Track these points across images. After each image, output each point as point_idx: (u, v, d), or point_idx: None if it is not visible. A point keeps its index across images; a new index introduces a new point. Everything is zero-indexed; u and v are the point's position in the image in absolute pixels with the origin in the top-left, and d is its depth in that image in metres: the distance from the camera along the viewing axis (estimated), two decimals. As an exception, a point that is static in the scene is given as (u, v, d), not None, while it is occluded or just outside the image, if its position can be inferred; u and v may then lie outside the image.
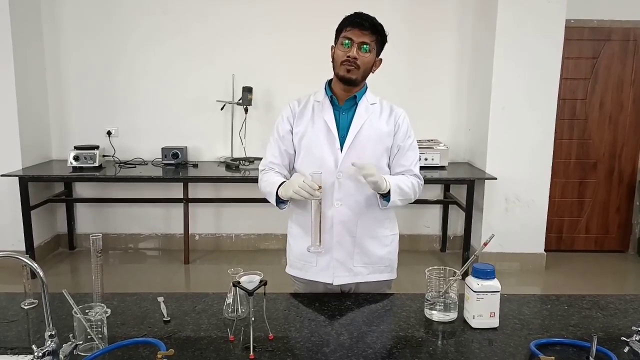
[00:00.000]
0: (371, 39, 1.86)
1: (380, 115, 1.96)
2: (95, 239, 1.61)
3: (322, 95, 1.98)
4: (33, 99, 4.58)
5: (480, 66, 4.63)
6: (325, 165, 1.90)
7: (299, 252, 1.99)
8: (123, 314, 1.64)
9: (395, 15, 4.66)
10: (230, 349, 1.43)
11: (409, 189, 1.93)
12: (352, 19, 1.86)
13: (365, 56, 1.86)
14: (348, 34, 1.85)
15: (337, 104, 1.96)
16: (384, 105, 2.00)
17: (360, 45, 1.84)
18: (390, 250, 2.02)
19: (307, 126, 1.94)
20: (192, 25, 4.72)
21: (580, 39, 4.73)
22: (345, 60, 1.84)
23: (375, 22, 1.87)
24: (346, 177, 1.89)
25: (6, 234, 4.38)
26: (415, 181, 1.98)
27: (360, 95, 1.96)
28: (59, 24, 4.70)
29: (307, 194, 1.74)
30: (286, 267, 2.08)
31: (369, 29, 1.84)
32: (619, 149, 4.92)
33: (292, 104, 2.01)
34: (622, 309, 1.72)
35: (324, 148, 1.91)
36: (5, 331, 1.54)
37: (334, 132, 1.91)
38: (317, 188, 1.75)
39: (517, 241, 4.51)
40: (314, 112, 1.96)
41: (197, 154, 4.88)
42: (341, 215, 1.91)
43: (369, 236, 1.96)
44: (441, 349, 1.46)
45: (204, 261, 4.77)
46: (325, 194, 1.89)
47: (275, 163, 2.00)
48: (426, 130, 4.78)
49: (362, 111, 1.94)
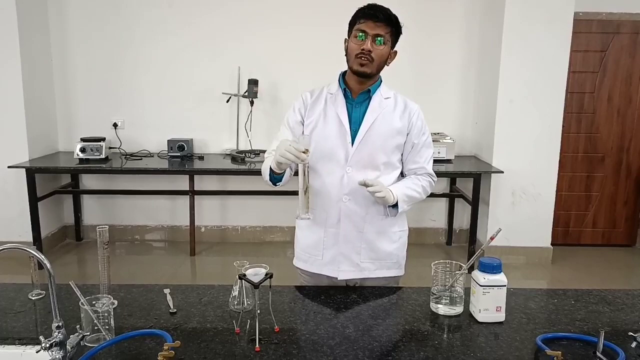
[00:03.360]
0: (386, 30, 1.81)
1: (394, 111, 1.93)
2: (101, 231, 1.62)
3: (336, 87, 1.94)
4: (40, 91, 4.59)
5: (487, 59, 4.60)
6: (335, 159, 1.88)
7: (306, 245, 1.99)
8: (130, 306, 1.65)
9: (402, 8, 4.55)
10: (236, 341, 1.43)
11: (418, 194, 1.92)
12: (365, 11, 1.82)
13: (379, 49, 1.81)
14: (362, 26, 1.81)
15: (350, 97, 1.92)
16: (398, 100, 1.96)
17: (374, 37, 1.80)
18: (399, 247, 2.00)
19: (318, 118, 1.91)
20: (198, 18, 4.71)
21: (589, 31, 4.69)
22: (360, 54, 1.80)
23: (390, 14, 1.82)
24: (355, 172, 1.87)
25: (13, 225, 4.41)
26: (427, 182, 1.97)
27: (375, 89, 1.92)
28: (65, 17, 4.70)
29: (293, 157, 1.68)
30: (294, 260, 2.07)
31: (384, 20, 1.80)
32: (627, 142, 4.88)
33: (304, 95, 1.98)
34: (629, 303, 1.71)
35: (334, 141, 1.88)
36: (13, 322, 1.55)
37: (345, 126, 1.88)
38: (304, 151, 1.70)
39: (524, 235, 4.50)
40: (327, 105, 1.93)
41: (203, 147, 4.89)
42: (348, 210, 1.90)
43: (377, 232, 1.94)
44: (447, 343, 1.45)
45: (209, 253, 4.78)
46: (333, 188, 1.89)
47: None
48: (433, 123, 4.67)
49: (376, 105, 1.91)
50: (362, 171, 1.86)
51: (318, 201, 1.92)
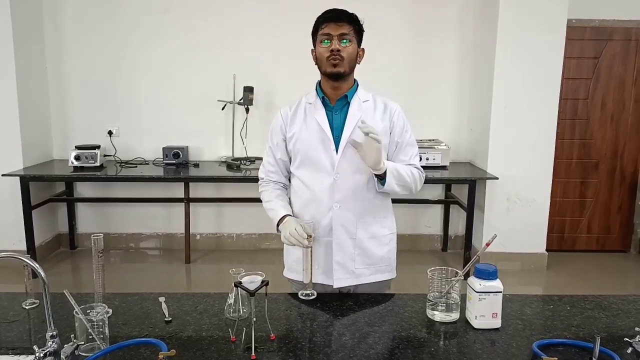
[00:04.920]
0: (349, 29, 1.85)
1: (375, 112, 1.94)
2: (96, 239, 1.61)
3: (314, 96, 1.96)
4: (34, 98, 4.58)
5: (481, 66, 4.62)
6: (321, 168, 1.89)
7: (297, 256, 1.96)
8: (124, 314, 1.64)
9: (397, 15, 4.65)
10: (232, 350, 1.43)
11: (408, 177, 1.91)
12: (325, 16, 1.87)
13: (347, 47, 1.85)
14: (325, 30, 1.85)
15: (329, 105, 1.94)
16: (377, 102, 1.97)
17: (340, 38, 1.83)
18: (390, 250, 2.02)
19: (300, 129, 1.93)
20: (194, 25, 4.72)
21: (582, 38, 4.72)
22: (329, 56, 1.83)
23: (349, 13, 1.87)
24: (343, 179, 1.88)
25: (7, 234, 4.38)
26: (416, 171, 1.97)
27: (352, 94, 1.93)
28: (61, 23, 4.70)
29: (297, 242, 1.76)
30: (284, 271, 2.06)
31: (345, 20, 1.84)
32: (620, 148, 4.91)
33: (283, 111, 2.00)
34: (624, 309, 1.72)
35: (319, 150, 1.89)
36: (7, 331, 1.53)
37: (327, 134, 1.89)
38: (307, 237, 1.76)
39: (519, 241, 4.51)
40: (306, 114, 1.94)
41: (198, 154, 4.88)
42: (340, 218, 1.90)
43: (369, 236, 1.95)
44: (443, 350, 1.45)
45: (205, 261, 4.76)
46: (324, 197, 1.89)
47: (272, 171, 2.02)
48: (428, 129, 4.78)
49: (355, 110, 1.91)
50: (351, 177, 1.87)
51: (309, 211, 1.92)
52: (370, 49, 2.06)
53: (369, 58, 2.03)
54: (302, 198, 1.94)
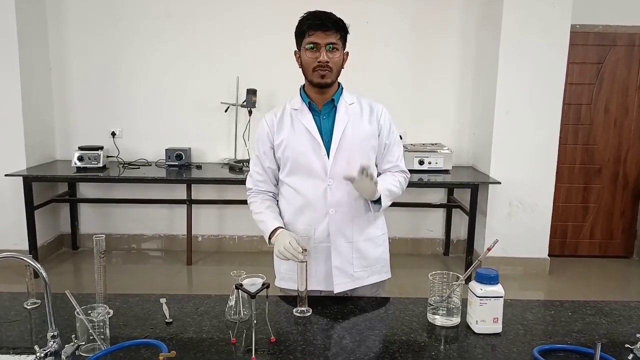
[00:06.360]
0: (336, 37, 1.82)
1: (362, 115, 1.93)
2: (98, 240, 1.61)
3: (299, 102, 1.93)
4: (38, 100, 4.60)
5: (484, 70, 4.62)
6: (314, 174, 1.88)
7: (289, 265, 1.91)
8: (125, 315, 1.64)
9: (400, 19, 4.65)
10: (232, 352, 1.43)
11: (397, 189, 1.95)
12: (312, 22, 1.82)
13: (335, 56, 1.83)
14: (312, 38, 1.81)
15: (316, 110, 1.92)
16: (363, 104, 1.96)
17: (327, 46, 1.81)
18: (384, 250, 2.03)
19: (289, 136, 1.89)
20: (197, 28, 4.73)
21: (586, 44, 4.72)
22: (317, 67, 1.81)
23: (336, 19, 1.83)
24: (337, 183, 1.87)
25: (10, 234, 4.40)
26: (402, 178, 2.00)
27: (338, 98, 1.92)
28: (64, 26, 4.72)
29: (291, 257, 1.72)
30: (276, 280, 2.00)
31: (332, 28, 1.81)
32: (623, 153, 4.90)
33: (268, 118, 1.96)
34: (626, 315, 1.71)
35: (310, 157, 1.87)
36: (8, 331, 1.54)
37: (318, 140, 1.87)
38: (302, 251, 1.72)
39: (521, 246, 4.50)
40: (293, 120, 1.91)
41: (201, 156, 4.89)
42: (337, 223, 1.89)
43: (364, 239, 1.95)
44: (444, 354, 1.45)
45: (206, 262, 4.77)
46: (318, 203, 1.88)
47: (261, 181, 1.98)
48: (430, 133, 4.77)
49: (343, 114, 1.90)
50: (344, 181, 1.84)
51: (303, 218, 1.91)
52: (373, 54, 2.07)
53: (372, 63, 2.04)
54: (294, 205, 1.92)
